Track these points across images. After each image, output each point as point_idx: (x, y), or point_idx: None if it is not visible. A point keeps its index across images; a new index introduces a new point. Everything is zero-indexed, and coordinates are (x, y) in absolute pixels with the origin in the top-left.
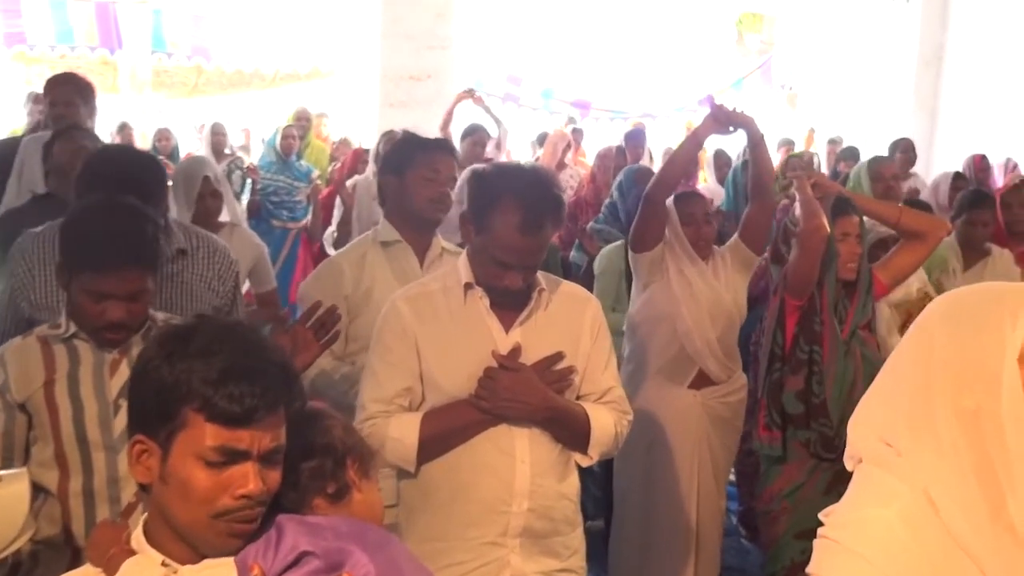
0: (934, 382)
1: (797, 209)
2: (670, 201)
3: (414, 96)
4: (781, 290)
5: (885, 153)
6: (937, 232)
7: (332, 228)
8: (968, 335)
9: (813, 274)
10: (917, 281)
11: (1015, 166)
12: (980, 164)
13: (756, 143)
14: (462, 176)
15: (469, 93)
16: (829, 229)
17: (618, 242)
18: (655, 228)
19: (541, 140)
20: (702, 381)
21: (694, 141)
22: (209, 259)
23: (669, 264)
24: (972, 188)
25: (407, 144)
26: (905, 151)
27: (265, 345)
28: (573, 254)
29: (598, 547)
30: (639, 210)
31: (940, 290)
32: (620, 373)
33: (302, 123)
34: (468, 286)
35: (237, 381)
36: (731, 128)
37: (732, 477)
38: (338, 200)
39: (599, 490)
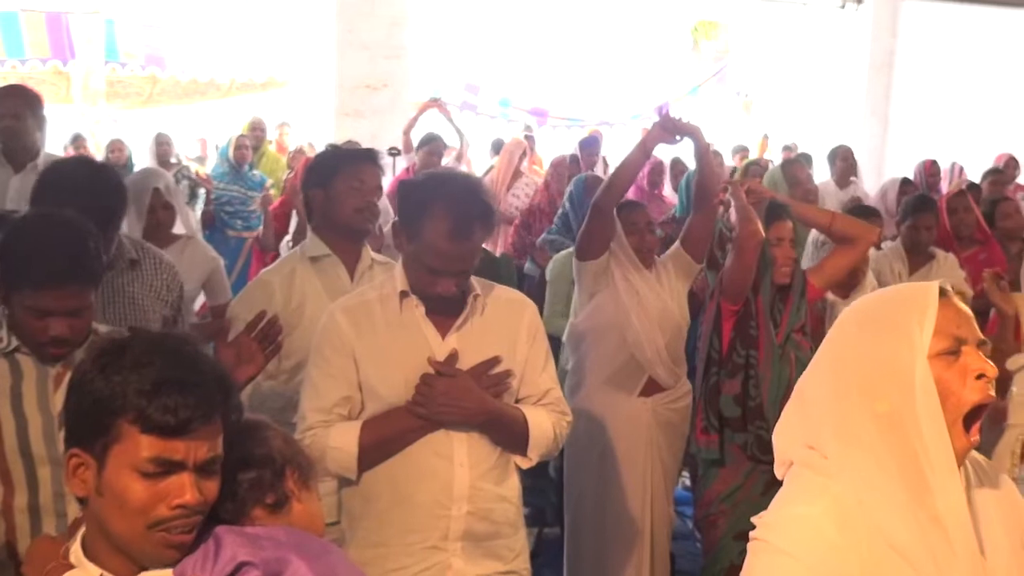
0: (849, 389)
1: (732, 215)
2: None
3: (370, 105)
4: (717, 295)
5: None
6: (868, 237)
7: (288, 238)
8: (878, 339)
9: (749, 279)
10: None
11: (961, 170)
12: (930, 169)
13: (702, 153)
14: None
15: (435, 102)
16: (764, 234)
17: (570, 249)
18: (602, 236)
19: (497, 148)
20: (651, 388)
21: (642, 150)
22: (156, 270)
23: (615, 272)
24: (917, 193)
25: (331, 157)
26: (844, 159)
27: (199, 356)
28: (528, 265)
29: (557, 553)
30: (586, 218)
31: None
32: (565, 383)
33: (256, 133)
34: (404, 294)
35: (171, 392)
36: (678, 137)
37: (687, 481)
38: (295, 209)
39: (557, 497)
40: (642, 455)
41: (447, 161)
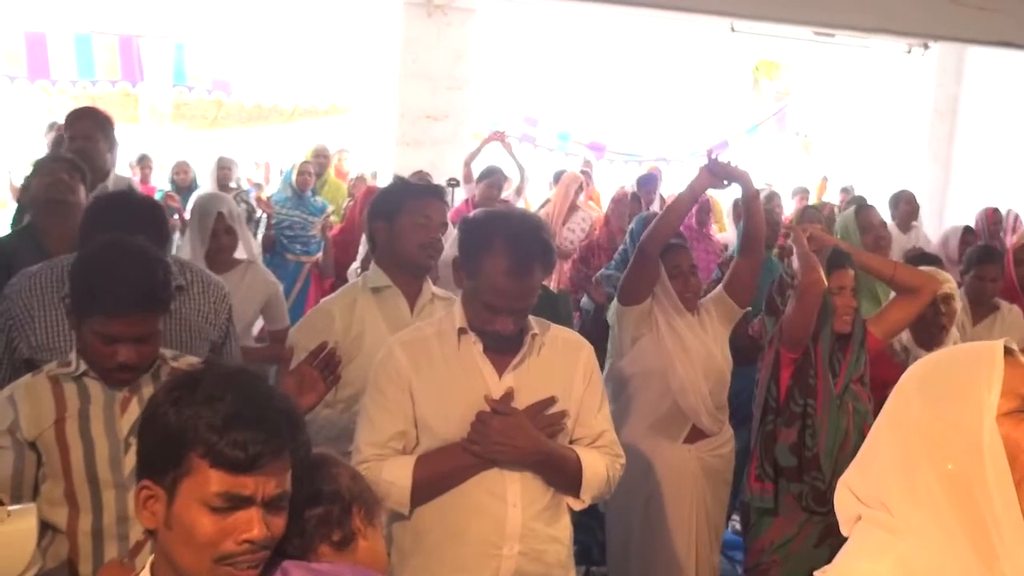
0: (913, 449)
1: (795, 262)
2: None
3: (430, 135)
4: (776, 342)
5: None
6: (930, 287)
7: (356, 264)
8: (944, 400)
9: (809, 327)
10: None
11: (1016, 217)
12: (993, 218)
13: (750, 198)
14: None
15: (498, 135)
16: (826, 283)
17: None
18: (647, 280)
19: (557, 179)
20: (695, 435)
21: (689, 194)
22: (204, 293)
23: (658, 317)
24: (981, 243)
25: (397, 190)
26: (908, 202)
27: (270, 392)
28: (584, 300)
29: None
30: (631, 262)
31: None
32: None
33: (320, 159)
34: (462, 331)
35: (241, 427)
36: (725, 182)
37: (737, 525)
38: (363, 237)
39: (604, 534)
40: (688, 502)
41: (507, 194)
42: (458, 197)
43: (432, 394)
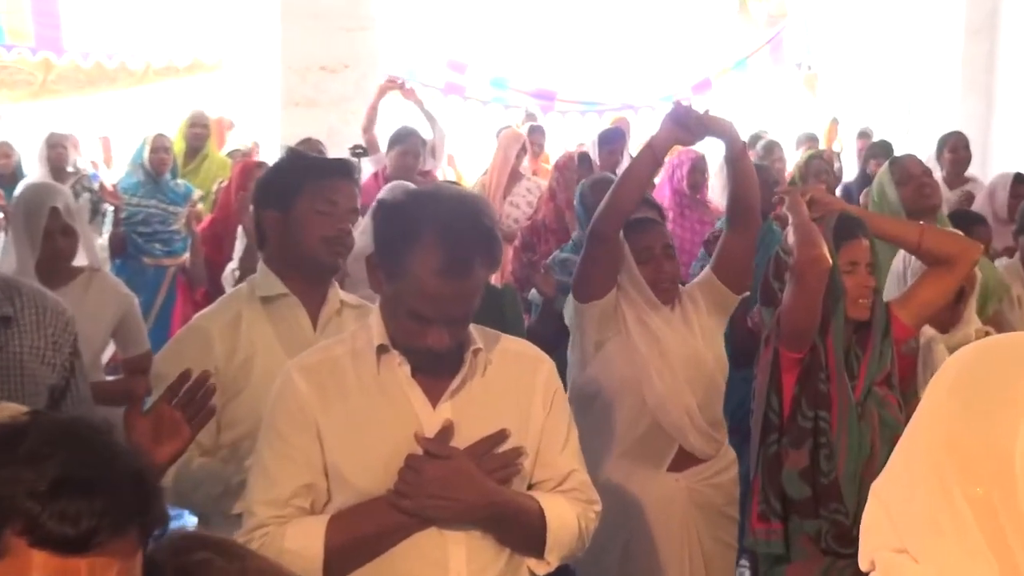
0: (944, 468)
1: (790, 235)
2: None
3: (326, 92)
4: (774, 340)
5: (928, 148)
6: (969, 255)
7: (233, 265)
8: (977, 410)
9: (814, 317)
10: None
11: None
12: None
13: (736, 155)
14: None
15: (397, 84)
16: (832, 259)
17: None
18: (605, 269)
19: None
20: (684, 461)
21: (649, 155)
22: (39, 323)
23: (626, 314)
24: None
25: (292, 168)
26: (954, 149)
27: (114, 446)
28: (532, 294)
29: None
30: (585, 248)
31: (1001, 328)
32: None
33: (197, 130)
34: (382, 349)
35: (72, 495)
36: (696, 135)
37: (747, 573)
38: (240, 229)
39: None
40: (677, 546)
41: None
42: (365, 171)
43: (346, 434)
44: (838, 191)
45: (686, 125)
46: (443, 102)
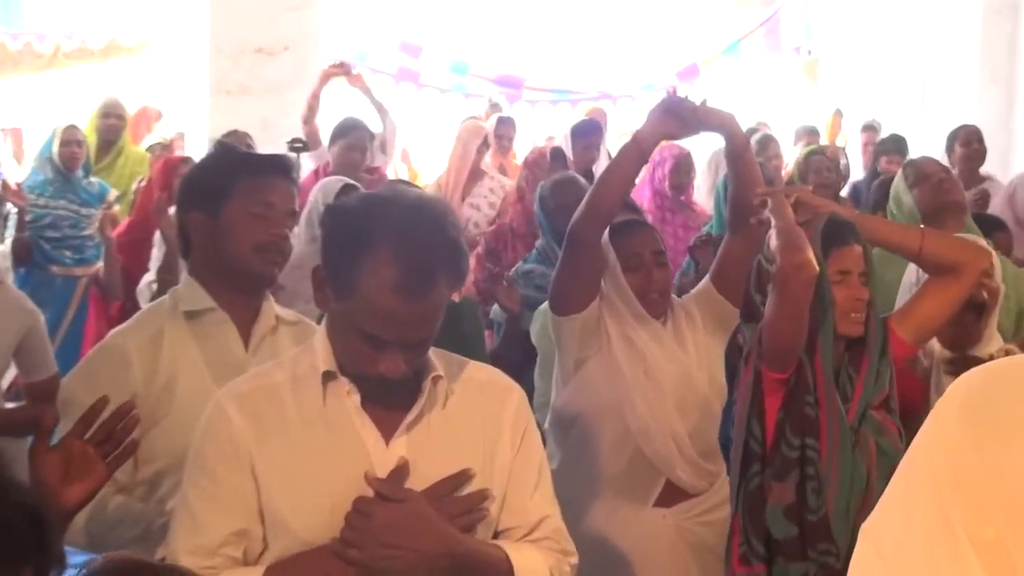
0: (948, 505)
1: (772, 240)
2: (604, 237)
3: (262, 77)
4: (755, 359)
5: (938, 145)
6: (977, 263)
7: (150, 276)
8: (991, 441)
9: (798, 333)
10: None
11: None
12: None
13: (738, 151)
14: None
15: (342, 69)
16: (819, 267)
17: None
18: (586, 279)
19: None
20: (672, 495)
21: (634, 150)
22: None
23: (610, 328)
24: None
25: (222, 164)
26: (967, 143)
27: (5, 483)
28: (494, 310)
29: None
30: (563, 253)
31: None
32: None
33: (111, 121)
34: (328, 376)
35: None
36: (690, 128)
37: None
38: (158, 235)
39: None
40: None
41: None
42: (305, 167)
43: (286, 473)
44: (845, 190)
45: (679, 116)
46: (395, 90)
